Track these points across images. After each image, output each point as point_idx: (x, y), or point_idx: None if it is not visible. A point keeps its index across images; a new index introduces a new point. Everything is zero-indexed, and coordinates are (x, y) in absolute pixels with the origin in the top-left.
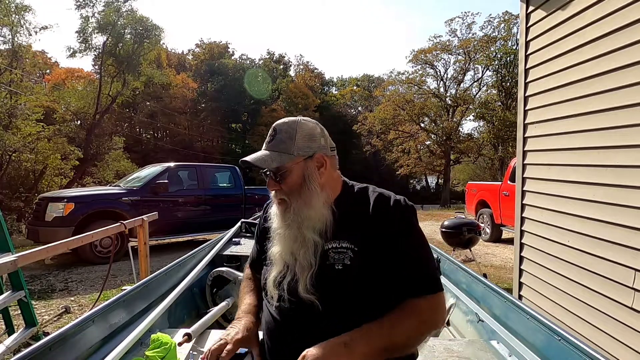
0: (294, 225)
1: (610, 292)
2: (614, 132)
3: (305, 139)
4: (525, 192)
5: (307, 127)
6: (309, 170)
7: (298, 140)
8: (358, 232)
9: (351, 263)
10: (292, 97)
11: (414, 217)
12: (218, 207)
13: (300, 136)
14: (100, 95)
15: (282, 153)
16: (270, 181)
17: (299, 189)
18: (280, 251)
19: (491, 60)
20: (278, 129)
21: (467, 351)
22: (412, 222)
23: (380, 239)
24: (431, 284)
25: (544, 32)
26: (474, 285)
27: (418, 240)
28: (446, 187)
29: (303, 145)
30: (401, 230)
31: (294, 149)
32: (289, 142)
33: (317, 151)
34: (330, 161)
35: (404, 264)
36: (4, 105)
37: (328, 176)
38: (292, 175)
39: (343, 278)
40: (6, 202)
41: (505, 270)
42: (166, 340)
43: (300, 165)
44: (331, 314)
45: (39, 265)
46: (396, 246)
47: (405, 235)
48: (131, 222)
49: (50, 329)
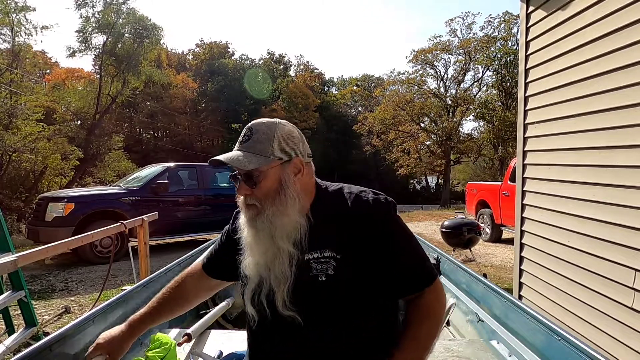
0: (266, 234)
1: (610, 292)
2: (614, 132)
3: (284, 142)
4: (525, 192)
5: (286, 129)
6: (285, 176)
7: (276, 143)
8: (339, 238)
9: (335, 272)
10: (292, 97)
11: (395, 211)
12: (218, 207)
13: (278, 138)
14: (100, 95)
15: (258, 155)
16: (242, 185)
17: (273, 194)
18: (253, 263)
19: (491, 61)
20: (255, 128)
21: (467, 351)
22: (394, 218)
23: (365, 242)
24: (429, 274)
25: (544, 33)
26: (474, 285)
27: (404, 235)
28: (446, 187)
29: (281, 148)
30: (386, 230)
31: (271, 152)
32: (267, 143)
33: (295, 155)
34: (307, 168)
35: (398, 262)
36: (4, 105)
37: (304, 183)
38: (267, 180)
39: (328, 289)
40: (6, 202)
41: (505, 270)
42: (166, 340)
43: (277, 169)
44: (317, 326)
45: (39, 265)
46: (385, 247)
47: (391, 233)
48: (131, 222)
49: (50, 329)
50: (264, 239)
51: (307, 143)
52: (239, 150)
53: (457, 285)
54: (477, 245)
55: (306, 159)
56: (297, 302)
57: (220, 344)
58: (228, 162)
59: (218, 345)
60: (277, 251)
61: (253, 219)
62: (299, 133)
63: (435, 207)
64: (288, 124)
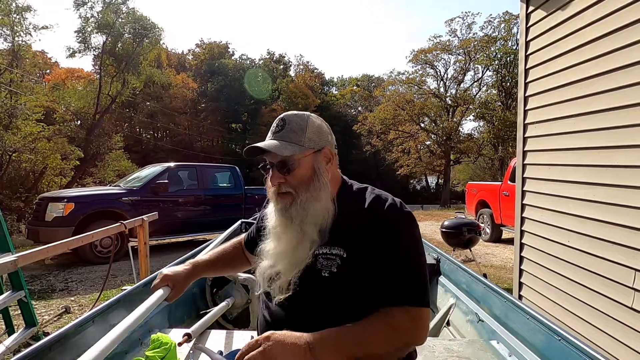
0: (298, 222)
1: (610, 292)
2: (614, 132)
3: (316, 132)
4: (525, 192)
5: (317, 121)
6: (318, 163)
7: (309, 132)
8: (350, 236)
9: (337, 270)
10: (292, 97)
11: (410, 223)
12: (218, 207)
13: (310, 128)
14: (100, 95)
15: (293, 143)
16: (275, 173)
17: (307, 181)
18: (274, 248)
19: (491, 60)
20: (288, 119)
21: (467, 351)
22: (405, 228)
23: (371, 244)
24: (415, 296)
25: (544, 32)
26: (474, 285)
27: (410, 248)
28: (446, 187)
29: (313, 137)
30: (394, 235)
31: (305, 141)
32: (300, 133)
33: (325, 145)
34: (335, 157)
35: (390, 270)
36: (4, 105)
37: (332, 172)
38: (300, 168)
39: (328, 285)
40: (6, 202)
41: (505, 270)
42: (166, 340)
43: (310, 157)
44: (310, 320)
45: (39, 265)
46: (385, 252)
47: (397, 240)
48: (131, 222)
49: (50, 329)
50: (294, 227)
51: (334, 135)
52: (273, 139)
53: (457, 285)
54: (477, 245)
55: (334, 149)
56: (298, 292)
57: (220, 344)
58: (267, 148)
59: (218, 345)
60: (302, 238)
61: (287, 208)
62: (327, 126)
63: (435, 207)
64: (317, 117)
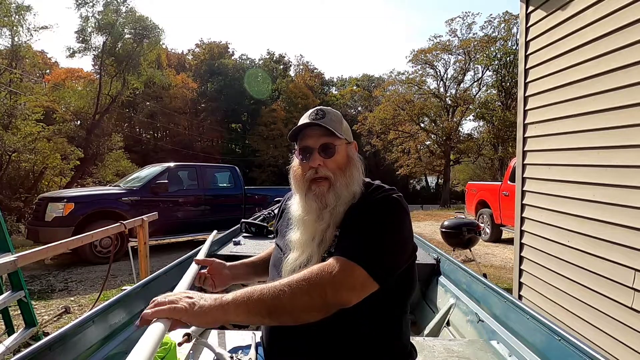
0: (330, 207)
1: (610, 292)
2: (614, 132)
3: (347, 127)
4: (525, 192)
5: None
6: (351, 153)
7: (344, 126)
8: (348, 220)
9: (335, 250)
10: (292, 97)
11: (393, 206)
12: (218, 207)
13: (344, 123)
14: (100, 95)
15: (334, 130)
16: (317, 155)
17: (344, 167)
18: (301, 237)
19: (491, 61)
20: (326, 110)
21: (467, 351)
22: (387, 208)
23: (356, 222)
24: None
25: (543, 32)
26: (474, 285)
27: (382, 224)
28: (446, 187)
29: (347, 131)
30: (372, 211)
31: (343, 131)
32: (338, 123)
33: (352, 140)
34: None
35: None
36: (4, 105)
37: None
38: (339, 154)
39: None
40: (6, 202)
41: (505, 270)
42: (166, 340)
43: (345, 147)
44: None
45: (39, 265)
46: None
47: (372, 214)
48: (131, 222)
49: (50, 329)
50: (325, 214)
51: None
52: (318, 122)
53: (457, 285)
54: (477, 245)
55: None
56: None
57: (221, 343)
58: (322, 123)
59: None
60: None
61: (323, 194)
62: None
63: (435, 207)
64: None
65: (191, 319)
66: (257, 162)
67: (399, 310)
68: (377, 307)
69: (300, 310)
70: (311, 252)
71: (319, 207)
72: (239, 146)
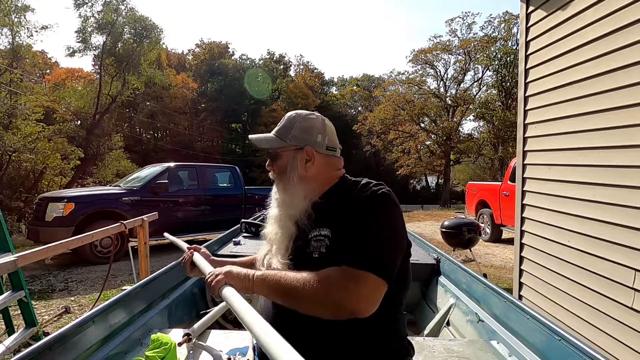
0: (280, 207)
1: (610, 292)
2: (614, 132)
3: (302, 131)
4: (525, 192)
5: (310, 121)
6: (294, 161)
7: (295, 130)
8: (335, 218)
9: (326, 250)
10: (292, 97)
11: (383, 201)
12: (218, 207)
13: (298, 127)
14: (100, 95)
15: (278, 138)
16: (268, 161)
17: (283, 173)
18: (270, 232)
19: (491, 60)
20: (286, 116)
21: (467, 351)
22: (381, 205)
23: (350, 223)
24: (358, 259)
25: (544, 32)
26: (474, 285)
27: (380, 222)
28: (446, 187)
29: (298, 135)
30: (367, 210)
31: (289, 137)
32: (288, 129)
33: (307, 144)
34: (323, 158)
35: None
36: (4, 105)
37: (317, 172)
38: (280, 160)
39: (318, 266)
40: (6, 202)
41: (505, 270)
42: (166, 340)
43: (289, 153)
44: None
45: (39, 265)
46: (358, 223)
47: (369, 214)
48: (131, 222)
49: (50, 329)
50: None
51: (335, 139)
52: (270, 132)
53: (457, 285)
54: (477, 245)
55: (322, 150)
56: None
57: (220, 344)
58: (253, 139)
59: (218, 345)
60: (283, 223)
61: (275, 193)
62: (324, 128)
63: (435, 207)
64: (318, 118)
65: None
66: (257, 162)
67: (395, 309)
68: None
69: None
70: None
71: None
72: (239, 146)
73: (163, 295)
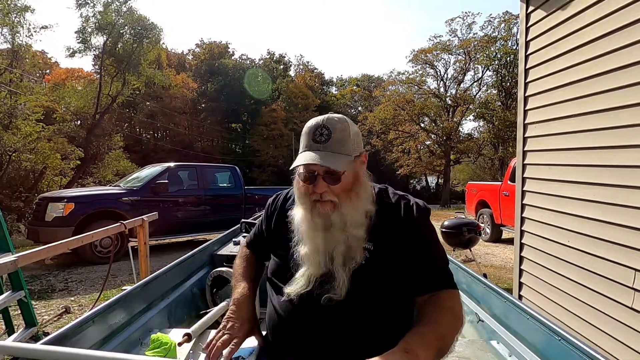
0: (338, 226)
1: (610, 292)
2: (614, 132)
3: (356, 138)
4: (525, 192)
5: (354, 127)
6: (359, 169)
7: (352, 141)
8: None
9: (366, 262)
10: (292, 97)
11: (429, 218)
12: (218, 207)
13: (353, 136)
14: (100, 95)
15: (342, 154)
16: (321, 182)
17: (350, 189)
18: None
19: (491, 60)
20: (332, 127)
21: (467, 351)
22: (429, 223)
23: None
24: (449, 279)
25: (544, 32)
26: (474, 285)
27: (434, 240)
28: (446, 187)
29: (355, 145)
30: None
31: (351, 150)
32: (347, 142)
33: (362, 150)
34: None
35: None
36: (4, 105)
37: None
38: (346, 176)
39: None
40: (6, 202)
41: (505, 270)
42: (166, 340)
43: (354, 165)
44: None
45: (39, 265)
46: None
47: (425, 234)
48: (131, 222)
49: (50, 329)
50: (335, 231)
51: None
52: (321, 150)
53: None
54: (477, 245)
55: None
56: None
57: None
58: (323, 164)
59: None
60: (346, 238)
61: (328, 215)
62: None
63: (435, 207)
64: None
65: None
66: (257, 162)
67: (411, 312)
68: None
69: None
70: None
71: (325, 225)
72: (239, 146)
73: (163, 295)
